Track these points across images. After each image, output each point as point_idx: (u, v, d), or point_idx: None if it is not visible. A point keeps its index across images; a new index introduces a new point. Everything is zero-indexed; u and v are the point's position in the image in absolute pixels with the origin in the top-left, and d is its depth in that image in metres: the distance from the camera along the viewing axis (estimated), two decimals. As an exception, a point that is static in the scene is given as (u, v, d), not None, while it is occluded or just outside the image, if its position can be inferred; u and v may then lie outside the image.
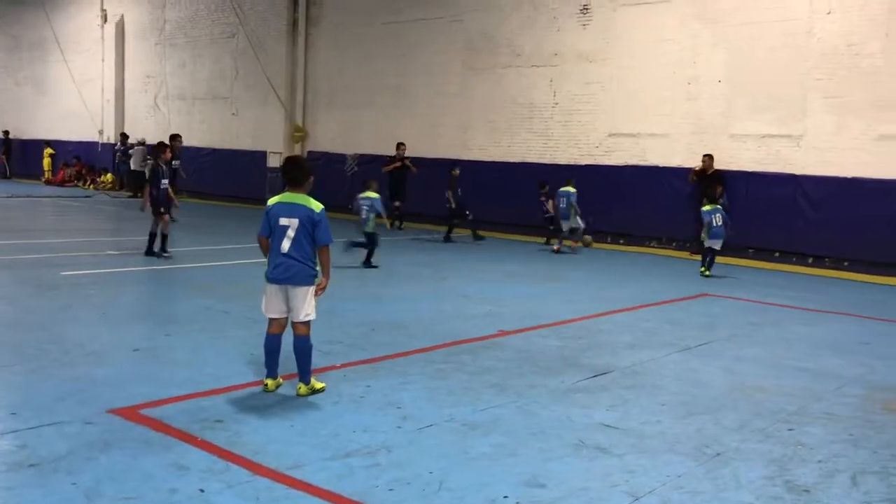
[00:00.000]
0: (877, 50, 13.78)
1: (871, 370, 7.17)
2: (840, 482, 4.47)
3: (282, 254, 5.43)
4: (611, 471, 4.47)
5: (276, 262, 5.48)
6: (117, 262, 11.53)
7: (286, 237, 5.43)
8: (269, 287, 5.55)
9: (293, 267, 5.43)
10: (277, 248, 5.45)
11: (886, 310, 10.50)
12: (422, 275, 11.93)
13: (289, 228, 5.43)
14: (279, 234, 5.46)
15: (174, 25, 26.78)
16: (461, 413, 5.35)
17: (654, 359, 7.19)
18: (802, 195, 14.68)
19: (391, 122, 21.05)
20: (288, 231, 5.43)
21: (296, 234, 5.42)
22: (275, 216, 5.50)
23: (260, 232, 5.62)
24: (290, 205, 5.49)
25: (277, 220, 5.48)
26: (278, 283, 5.49)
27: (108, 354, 6.46)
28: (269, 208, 5.57)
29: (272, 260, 5.51)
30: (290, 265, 5.43)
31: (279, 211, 5.49)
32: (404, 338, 7.52)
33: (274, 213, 5.51)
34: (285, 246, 5.42)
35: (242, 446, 4.55)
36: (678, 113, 16.17)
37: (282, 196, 5.60)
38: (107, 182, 28.27)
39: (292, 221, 5.43)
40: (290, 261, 5.43)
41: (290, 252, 5.42)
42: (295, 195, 5.54)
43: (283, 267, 5.44)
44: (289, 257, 5.43)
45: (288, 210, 5.47)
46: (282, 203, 5.53)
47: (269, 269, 5.54)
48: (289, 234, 5.42)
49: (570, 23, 17.64)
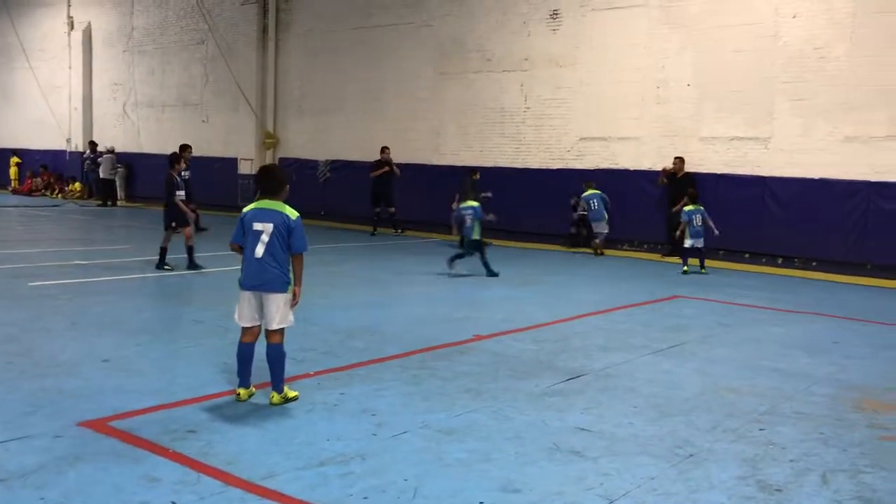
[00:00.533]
0: (841, 53, 14.00)
1: (840, 369, 7.26)
2: (811, 481, 4.51)
3: (255, 259, 5.36)
4: (585, 474, 4.48)
5: (249, 268, 5.42)
6: (87, 271, 11.38)
7: (260, 242, 5.35)
8: (243, 294, 5.48)
9: (267, 273, 5.36)
10: (251, 253, 5.38)
11: (855, 309, 10.65)
12: (396, 280, 11.90)
13: (263, 233, 5.36)
14: (253, 239, 5.39)
15: (142, 32, 26.54)
16: (436, 419, 5.34)
17: (627, 361, 7.23)
18: (771, 196, 14.86)
19: (363, 127, 21.01)
20: (262, 236, 5.35)
21: (270, 239, 5.35)
22: (248, 222, 5.43)
23: (232, 239, 5.57)
24: (265, 210, 5.43)
25: (251, 225, 5.41)
26: (252, 289, 5.43)
27: (78, 366, 6.36)
28: (244, 215, 5.51)
29: (245, 266, 5.44)
30: (264, 271, 5.36)
31: (253, 217, 5.43)
32: (379, 344, 7.50)
33: (248, 219, 5.45)
34: (259, 251, 5.35)
35: (215, 457, 4.50)
36: (648, 116, 16.30)
37: (257, 203, 5.53)
38: (75, 191, 27.92)
39: (266, 226, 5.36)
40: (263, 266, 5.36)
41: (264, 258, 5.35)
42: (271, 202, 5.48)
43: (257, 273, 5.38)
44: (262, 263, 5.36)
45: (263, 215, 5.41)
46: (256, 209, 5.47)
47: (242, 276, 5.48)
48: (262, 240, 5.35)
49: (540, 28, 17.73)
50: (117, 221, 20.86)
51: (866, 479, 4.58)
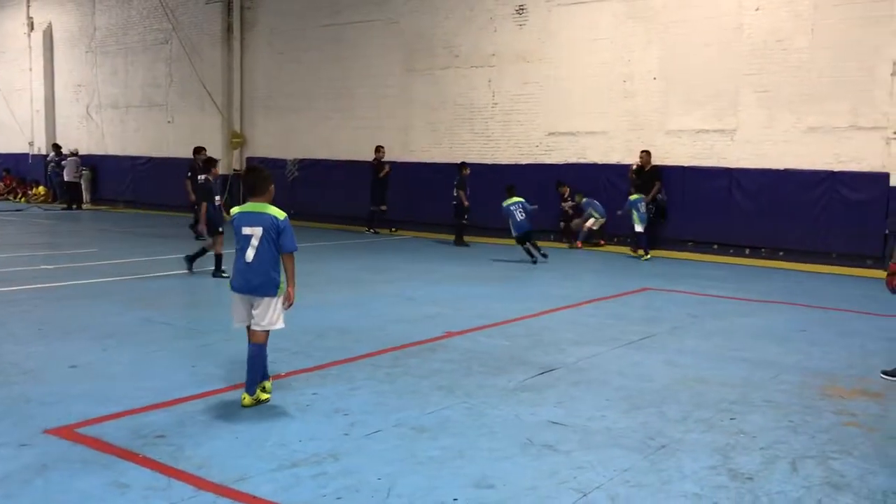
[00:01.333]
0: (804, 45, 14.18)
1: (807, 357, 7.37)
2: (781, 468, 4.57)
3: (246, 263, 5.42)
4: (559, 468, 4.50)
5: (240, 272, 5.47)
6: (53, 276, 11.20)
7: (250, 246, 5.41)
8: (234, 296, 5.54)
9: (256, 277, 5.41)
10: (241, 257, 5.44)
11: (820, 297, 10.81)
12: (368, 279, 11.86)
13: (252, 237, 5.41)
14: (243, 243, 5.44)
15: (105, 32, 26.18)
16: (409, 417, 5.33)
17: (598, 354, 7.27)
18: (738, 188, 15.03)
19: (331, 125, 20.92)
20: (252, 240, 5.41)
21: (259, 242, 5.40)
22: (237, 225, 5.49)
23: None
24: (253, 214, 5.47)
25: (240, 229, 5.46)
26: (241, 293, 5.48)
27: (45, 372, 6.26)
28: (232, 218, 5.59)
29: (236, 270, 5.50)
30: (254, 276, 5.41)
31: (241, 220, 5.48)
32: (351, 343, 7.47)
33: (237, 223, 5.51)
34: (249, 255, 5.41)
35: (186, 461, 4.45)
36: (615, 110, 16.40)
37: (244, 206, 5.58)
38: (39, 195, 27.51)
39: (256, 230, 5.41)
40: (254, 271, 5.41)
41: (254, 262, 5.41)
42: (257, 204, 5.52)
43: (248, 277, 5.43)
44: (252, 267, 5.41)
45: (251, 219, 5.45)
46: (244, 213, 5.51)
47: (233, 279, 5.53)
48: (252, 244, 5.41)
49: (507, 23, 17.76)
50: (83, 225, 20.57)
51: (834, 465, 4.64)
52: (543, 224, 16.23)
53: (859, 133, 13.78)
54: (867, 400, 6.01)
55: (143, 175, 25.13)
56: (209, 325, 7.95)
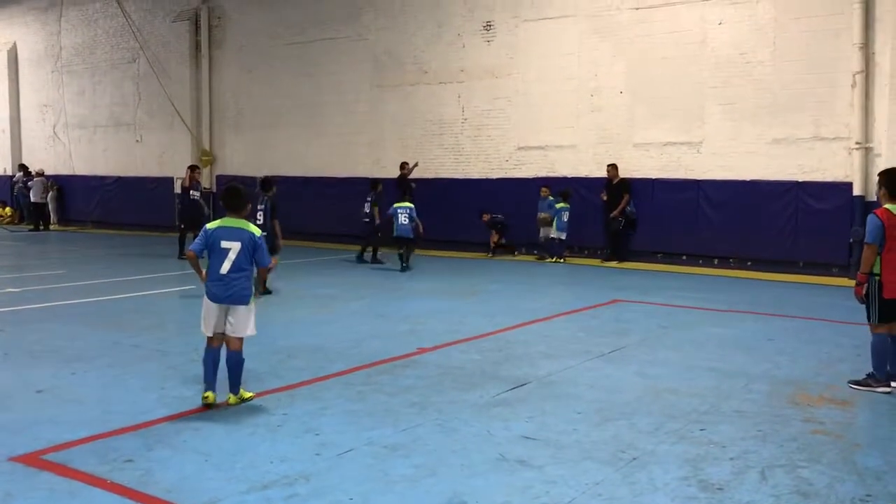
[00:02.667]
0: (766, 58, 14.43)
1: (775, 366, 7.45)
2: (750, 478, 4.62)
3: (221, 275, 5.79)
4: (531, 483, 4.50)
5: (215, 283, 5.81)
6: (20, 299, 11.04)
7: (227, 259, 5.78)
8: (209, 305, 5.85)
9: (232, 287, 5.79)
10: (217, 269, 5.80)
11: (787, 306, 10.95)
12: (338, 296, 11.82)
13: (230, 251, 5.79)
14: (219, 256, 5.81)
15: (71, 52, 25.95)
16: (381, 435, 5.31)
17: (569, 367, 7.30)
18: (705, 199, 15.21)
19: (301, 142, 20.89)
20: (229, 254, 5.79)
21: (237, 256, 5.79)
22: (216, 239, 5.84)
23: (192, 247, 5.95)
24: (232, 229, 5.87)
25: (218, 242, 5.83)
26: (218, 301, 5.82)
27: (10, 398, 6.16)
28: (211, 231, 5.90)
29: (211, 280, 5.83)
30: (229, 286, 5.79)
31: (221, 235, 5.85)
32: (322, 361, 7.43)
33: (215, 236, 5.85)
34: (225, 267, 5.78)
35: (154, 485, 4.40)
36: (583, 124, 16.55)
37: (223, 221, 5.95)
38: (5, 216, 27.12)
39: (234, 245, 5.80)
40: (229, 282, 5.79)
41: (230, 273, 5.78)
42: (235, 220, 5.92)
43: (222, 286, 5.79)
44: (228, 278, 5.79)
45: (230, 234, 5.85)
46: (224, 227, 5.89)
47: (208, 289, 5.85)
48: (230, 257, 5.78)
49: (475, 39, 17.88)
50: (51, 246, 20.30)
51: (803, 473, 4.70)
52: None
53: (822, 144, 14.03)
54: (834, 407, 6.09)
55: (111, 195, 24.88)
56: (178, 347, 7.86)
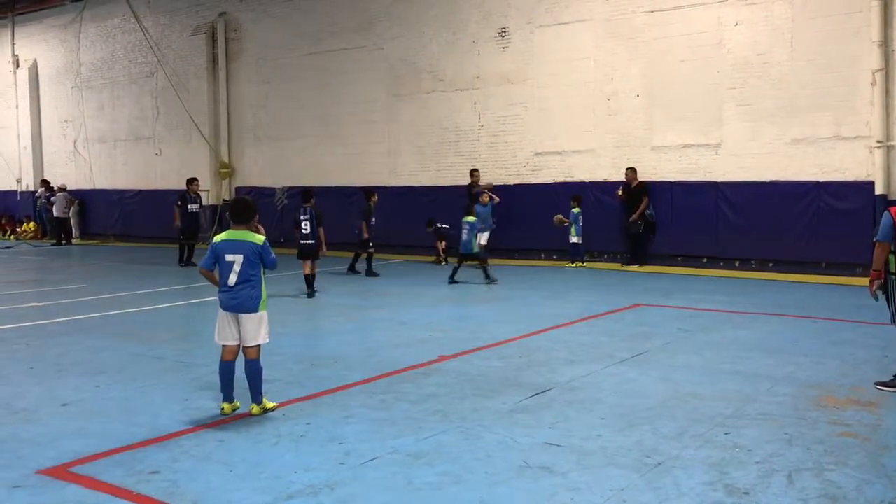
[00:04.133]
0: (783, 58, 14.34)
1: (800, 368, 7.38)
2: (777, 482, 4.57)
3: (228, 286, 5.94)
4: (556, 490, 4.49)
5: (225, 294, 5.97)
6: (43, 313, 11.16)
7: (232, 272, 5.92)
8: (221, 314, 5.99)
9: (239, 296, 5.93)
10: (225, 281, 5.95)
11: (811, 308, 10.84)
12: (360, 304, 11.85)
13: (234, 264, 5.93)
14: (226, 269, 5.95)
15: (90, 68, 26.25)
16: (405, 443, 5.31)
17: (592, 372, 7.27)
18: (724, 201, 15.11)
19: (319, 152, 20.98)
20: (234, 266, 5.93)
21: (241, 268, 5.92)
22: (221, 252, 6.00)
23: (202, 264, 6.13)
24: (234, 242, 6.01)
25: (223, 256, 5.97)
26: (227, 310, 5.97)
27: (36, 411, 6.22)
28: (216, 244, 6.06)
29: (221, 291, 5.99)
30: (237, 295, 5.93)
31: (224, 248, 5.99)
32: (344, 371, 7.45)
33: (220, 249, 6.01)
34: (232, 280, 5.93)
35: (180, 497, 4.42)
36: (600, 129, 16.51)
37: (227, 233, 6.11)
38: (29, 231, 27.43)
39: (237, 257, 5.94)
40: (236, 293, 5.93)
41: (237, 284, 5.92)
42: (237, 232, 6.06)
43: (231, 296, 5.94)
44: (235, 289, 5.93)
45: (232, 247, 5.98)
46: (227, 241, 6.03)
47: (220, 299, 6.01)
48: (234, 269, 5.92)
49: (490, 46, 17.90)
50: (73, 260, 20.52)
51: (831, 476, 4.65)
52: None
53: (842, 143, 13.90)
54: (861, 409, 6.02)
55: (132, 208, 25.12)
56: (200, 358, 7.90)
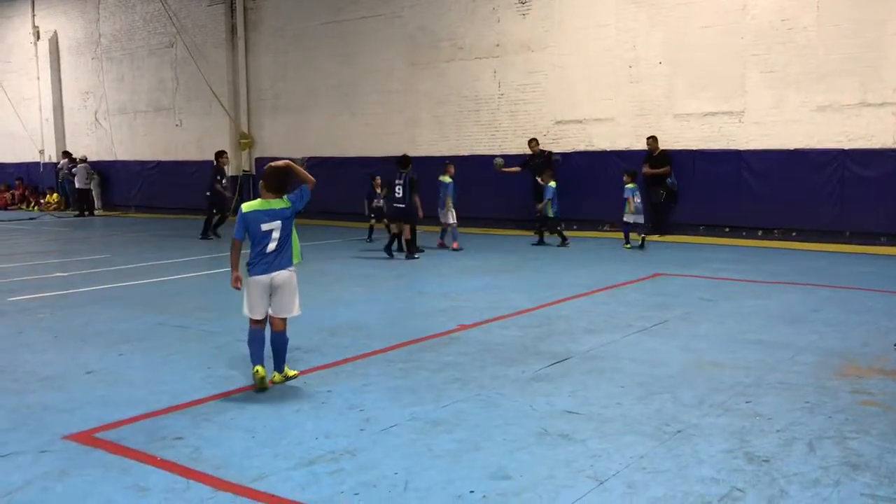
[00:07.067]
0: (809, 23, 14.07)
1: (821, 337, 7.33)
2: (798, 450, 4.56)
3: (266, 253, 5.84)
4: (575, 457, 4.50)
5: (261, 261, 5.84)
6: (67, 283, 11.28)
7: (271, 240, 5.83)
8: (254, 286, 5.84)
9: (278, 259, 5.87)
10: (262, 249, 5.83)
11: (833, 276, 10.75)
12: (379, 274, 11.88)
13: (273, 231, 5.84)
14: (262, 238, 5.83)
15: (110, 39, 26.28)
16: (424, 411, 5.34)
17: (612, 341, 7.26)
18: (747, 170, 14.95)
19: (338, 122, 20.95)
20: (273, 233, 5.84)
21: (280, 233, 5.86)
22: (254, 222, 5.83)
23: (235, 235, 5.95)
24: (269, 211, 5.86)
25: (258, 226, 5.82)
26: (265, 273, 5.82)
27: (61, 379, 6.31)
28: (246, 214, 5.87)
29: (256, 260, 5.84)
30: (276, 259, 5.86)
31: (259, 218, 5.84)
32: (364, 339, 7.49)
33: (253, 219, 5.84)
34: (270, 247, 5.83)
35: (203, 462, 4.48)
36: (621, 96, 16.33)
37: (259, 202, 5.91)
38: (52, 202, 27.68)
39: (275, 224, 5.85)
40: (275, 257, 5.86)
41: (274, 251, 5.85)
42: (270, 202, 5.90)
43: (270, 262, 5.84)
44: (274, 254, 5.86)
45: (268, 216, 5.85)
46: (259, 211, 5.86)
47: (253, 268, 5.85)
48: (273, 237, 5.84)
49: (510, 13, 17.71)
50: (95, 231, 20.71)
51: (852, 444, 4.62)
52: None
53: (868, 110, 13.68)
54: (884, 378, 5.97)
55: (152, 179, 25.26)
56: (222, 328, 7.97)
